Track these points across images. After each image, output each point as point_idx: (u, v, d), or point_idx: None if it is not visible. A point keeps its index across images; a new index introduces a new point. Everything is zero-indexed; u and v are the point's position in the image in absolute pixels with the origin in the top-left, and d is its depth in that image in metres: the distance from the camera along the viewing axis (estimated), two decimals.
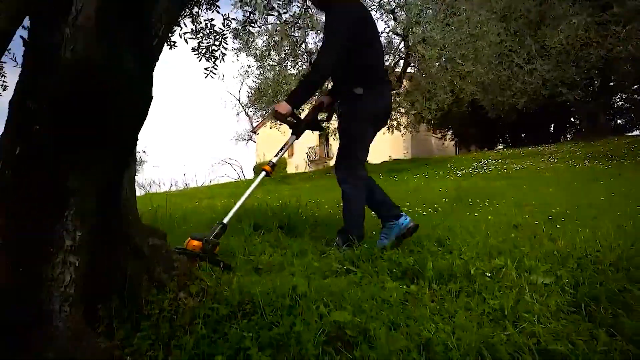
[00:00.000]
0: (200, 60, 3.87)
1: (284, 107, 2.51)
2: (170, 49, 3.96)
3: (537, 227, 3.39)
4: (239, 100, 25.60)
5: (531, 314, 1.66)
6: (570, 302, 1.79)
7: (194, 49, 3.83)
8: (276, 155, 2.56)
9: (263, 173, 2.50)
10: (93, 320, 1.29)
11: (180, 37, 3.67)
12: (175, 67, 62.73)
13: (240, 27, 3.86)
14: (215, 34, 3.82)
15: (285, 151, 2.63)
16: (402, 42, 12.45)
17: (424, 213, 4.20)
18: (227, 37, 3.80)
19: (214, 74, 3.92)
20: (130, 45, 1.16)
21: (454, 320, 1.66)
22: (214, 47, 3.84)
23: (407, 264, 2.24)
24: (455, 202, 4.92)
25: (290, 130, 2.73)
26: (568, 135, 23.20)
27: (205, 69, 3.86)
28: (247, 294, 1.71)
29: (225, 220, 2.25)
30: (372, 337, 1.52)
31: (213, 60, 3.90)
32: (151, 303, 1.45)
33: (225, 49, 3.80)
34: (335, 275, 2.18)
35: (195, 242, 2.07)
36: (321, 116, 3.08)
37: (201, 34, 3.81)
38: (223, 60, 3.83)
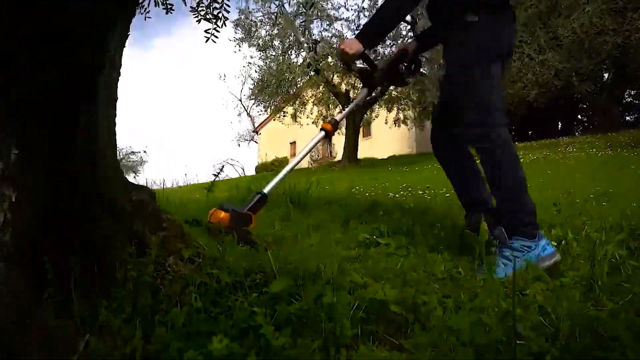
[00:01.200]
0: (199, 22, 3.48)
1: (352, 45, 1.84)
2: (167, 13, 3.58)
3: (580, 205, 3.00)
4: (240, 100, 25.20)
5: (631, 283, 1.28)
6: None
7: (192, 9, 3.45)
8: (340, 112, 1.95)
9: (322, 133, 1.91)
10: (38, 285, 0.90)
11: None
12: (175, 69, 62.78)
13: None
14: None
15: (352, 108, 2.06)
16: (411, 29, 12.00)
17: (447, 194, 3.80)
18: None
19: (216, 37, 3.53)
20: None
21: (526, 293, 1.28)
22: (215, 5, 3.45)
23: (447, 233, 1.87)
24: None
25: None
26: (577, 132, 22.78)
27: (206, 30, 3.48)
28: (256, 261, 1.32)
29: (266, 190, 1.75)
30: (424, 314, 1.14)
31: (214, 21, 3.51)
32: (128, 264, 1.05)
33: (227, 11, 3.43)
34: (363, 247, 1.79)
35: (222, 214, 1.59)
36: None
37: None
38: (225, 24, 3.46)
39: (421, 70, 2.15)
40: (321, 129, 1.92)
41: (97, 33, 1.10)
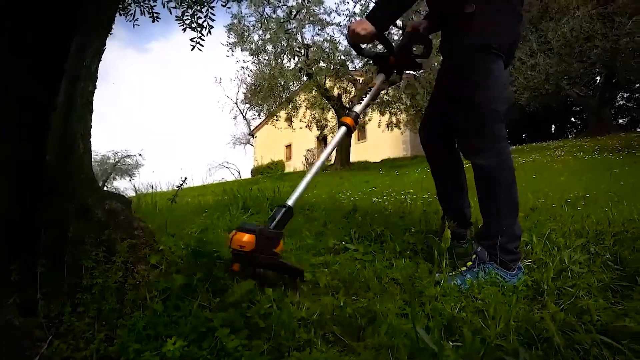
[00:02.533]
0: (184, 30, 3.55)
1: (363, 25, 1.65)
2: (153, 21, 3.64)
3: (556, 209, 3.07)
4: (236, 103, 25.28)
5: (576, 288, 1.35)
6: (620, 277, 1.47)
7: (178, 18, 3.52)
8: (359, 103, 1.74)
9: (343, 128, 1.66)
10: (4, 286, 0.96)
11: (164, 7, 3.37)
12: (172, 72, 62.74)
13: None
14: (200, 2, 3.50)
15: (373, 98, 1.83)
16: (402, 33, 12.13)
17: (430, 200, 3.87)
18: (214, 7, 3.49)
19: (201, 45, 3.60)
20: None
21: (479, 297, 1.34)
22: (199, 15, 3.52)
23: (415, 239, 1.94)
24: None
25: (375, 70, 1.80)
26: (570, 136, 22.98)
27: (191, 39, 3.55)
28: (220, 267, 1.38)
29: (290, 202, 1.49)
30: (378, 318, 1.20)
31: (199, 30, 3.58)
32: (93, 270, 1.12)
33: (212, 19, 3.50)
34: (332, 253, 1.86)
35: (246, 237, 1.30)
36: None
37: (185, 3, 3.50)
38: (210, 32, 3.53)
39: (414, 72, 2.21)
40: (341, 124, 1.68)
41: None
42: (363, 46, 1.84)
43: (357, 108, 1.71)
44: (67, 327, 1.00)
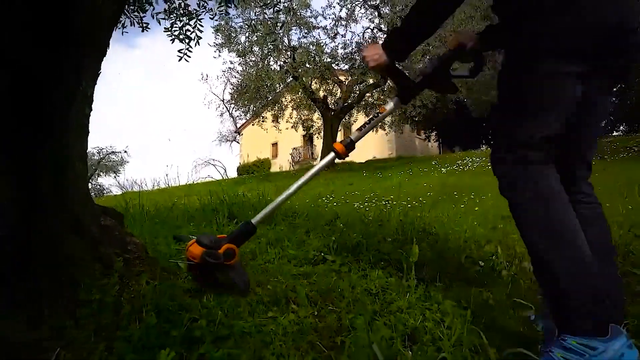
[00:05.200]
0: (173, 41, 3.65)
1: (374, 55, 1.46)
2: (142, 31, 3.73)
3: None
4: (222, 100, 25.23)
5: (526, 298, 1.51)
6: None
7: (166, 29, 3.62)
8: (359, 130, 1.61)
9: (332, 154, 1.58)
10: (11, 305, 1.07)
11: (153, 18, 3.46)
12: (159, 68, 62.11)
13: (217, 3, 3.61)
14: (189, 15, 3.61)
15: (375, 125, 1.65)
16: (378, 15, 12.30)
17: (409, 205, 4.05)
18: (202, 19, 3.60)
19: (188, 56, 3.71)
20: None
21: (441, 308, 1.50)
22: (188, 27, 3.63)
23: (388, 250, 2.08)
24: (440, 195, 4.80)
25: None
26: None
27: (179, 50, 3.65)
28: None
29: (254, 220, 1.49)
30: (350, 327, 1.35)
31: (187, 41, 3.69)
32: (92, 287, 1.24)
33: (201, 31, 3.61)
34: (312, 264, 2.00)
35: (195, 249, 1.39)
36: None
37: (174, 15, 3.59)
38: (198, 43, 3.64)
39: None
40: (332, 150, 1.60)
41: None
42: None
43: (354, 135, 1.59)
44: (70, 339, 1.12)
